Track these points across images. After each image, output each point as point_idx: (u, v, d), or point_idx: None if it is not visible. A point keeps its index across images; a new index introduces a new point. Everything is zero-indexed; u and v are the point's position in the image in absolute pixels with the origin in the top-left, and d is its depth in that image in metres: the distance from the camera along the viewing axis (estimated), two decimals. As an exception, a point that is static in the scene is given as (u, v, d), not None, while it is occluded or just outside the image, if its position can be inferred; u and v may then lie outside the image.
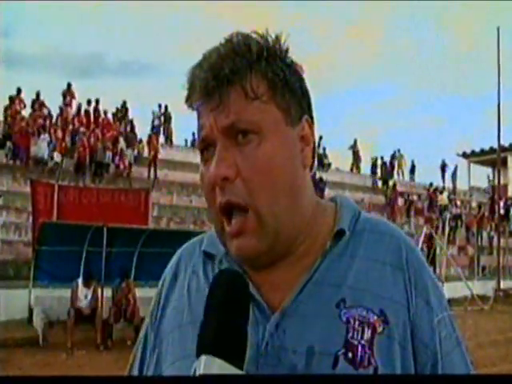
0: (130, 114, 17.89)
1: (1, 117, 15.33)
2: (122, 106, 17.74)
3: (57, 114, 16.16)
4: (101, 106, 17.07)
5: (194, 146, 18.49)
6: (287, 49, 0.73)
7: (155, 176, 16.36)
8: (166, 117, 18.51)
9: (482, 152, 27.42)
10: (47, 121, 15.39)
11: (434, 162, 25.29)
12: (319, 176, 17.99)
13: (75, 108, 16.61)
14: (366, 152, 23.98)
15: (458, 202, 23.34)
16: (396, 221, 18.41)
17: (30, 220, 10.59)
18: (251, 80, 0.69)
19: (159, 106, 18.67)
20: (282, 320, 0.70)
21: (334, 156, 22.44)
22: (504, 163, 19.09)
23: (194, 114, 0.73)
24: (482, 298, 14.67)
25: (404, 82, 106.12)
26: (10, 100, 15.30)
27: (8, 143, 14.37)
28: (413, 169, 24.51)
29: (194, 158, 16.16)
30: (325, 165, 20.85)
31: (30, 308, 8.72)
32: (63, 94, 16.55)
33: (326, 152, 21.30)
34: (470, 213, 22.81)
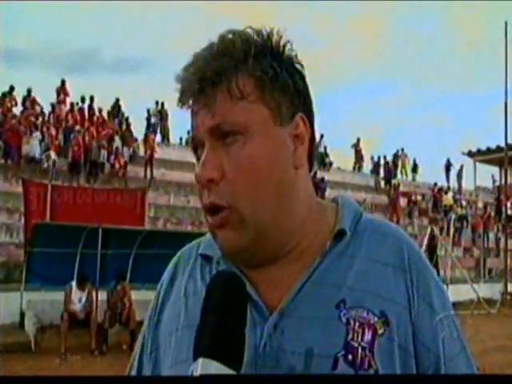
0: (126, 112, 17.76)
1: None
2: (115, 104, 17.52)
3: (48, 111, 15.97)
4: (95, 104, 16.95)
5: (188, 145, 18.28)
6: (283, 44, 0.73)
7: (152, 176, 16.27)
8: (163, 115, 18.34)
9: (489, 150, 27.33)
10: (39, 119, 15.19)
11: (438, 161, 25.38)
12: (320, 176, 17.84)
13: (69, 105, 16.48)
14: (368, 151, 24.06)
15: (464, 203, 23.29)
16: (398, 222, 18.26)
17: (22, 221, 10.65)
18: (237, 80, 0.69)
19: (156, 103, 18.54)
20: (280, 320, 0.70)
21: (335, 155, 22.43)
22: (511, 162, 18.89)
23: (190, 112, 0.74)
24: (489, 301, 14.60)
25: (408, 79, 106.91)
26: (2, 97, 15.08)
27: (-1, 141, 14.21)
28: (415, 168, 24.47)
29: (191, 157, 15.77)
30: (326, 164, 20.75)
31: (22, 312, 8.62)
32: (57, 91, 16.43)
33: (327, 151, 21.21)
34: (476, 213, 22.75)
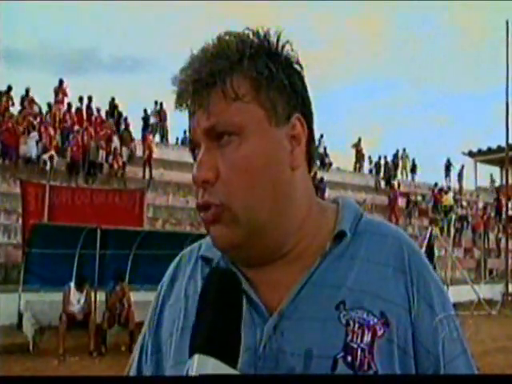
0: (124, 112, 17.71)
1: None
2: (111, 103, 17.48)
3: (46, 111, 15.93)
4: (93, 104, 16.92)
5: (183, 144, 18.33)
6: (282, 44, 0.72)
7: (150, 176, 16.24)
8: (161, 115, 18.29)
9: (490, 151, 27.33)
10: (37, 118, 15.15)
11: (439, 162, 25.37)
12: (320, 176, 17.81)
13: (66, 105, 16.46)
14: (368, 151, 23.99)
15: (464, 203, 23.26)
16: (397, 222, 18.24)
17: (20, 221, 10.62)
18: (232, 81, 0.69)
19: (155, 103, 18.50)
20: (279, 322, 0.70)
21: (334, 155, 22.40)
22: (512, 162, 18.87)
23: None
24: (490, 302, 14.63)
25: (408, 79, 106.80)
26: (-1, 96, 15.05)
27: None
28: (414, 168, 24.44)
29: (190, 157, 15.84)
30: (326, 164, 20.73)
31: (20, 313, 8.60)
32: (55, 91, 16.37)
33: (326, 151, 21.18)
34: (477, 214, 22.75)
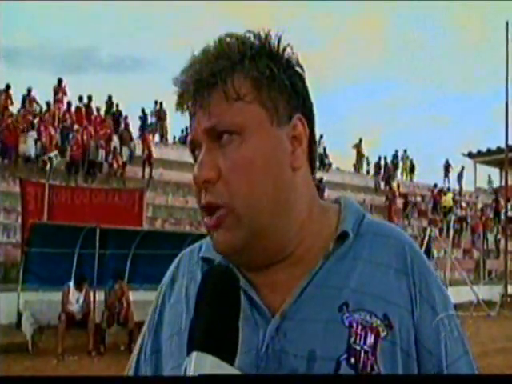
0: (124, 112, 17.69)
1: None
2: (108, 101, 17.43)
3: (44, 110, 15.92)
4: (93, 103, 16.90)
5: (183, 144, 18.30)
6: (283, 46, 0.73)
7: (150, 176, 16.22)
8: (161, 114, 18.28)
9: (489, 152, 27.30)
10: (37, 118, 15.12)
11: (438, 163, 25.42)
12: (319, 176, 17.80)
13: (66, 104, 16.44)
14: (368, 152, 24.01)
15: (464, 204, 23.24)
16: (395, 223, 18.23)
17: (20, 221, 10.59)
18: (233, 81, 0.69)
19: (155, 102, 18.49)
20: (282, 323, 0.70)
21: (334, 156, 22.38)
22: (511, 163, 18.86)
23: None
24: (488, 303, 14.62)
25: (408, 79, 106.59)
26: (-2, 95, 15.02)
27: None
28: (412, 169, 24.41)
29: (190, 156, 15.86)
30: (325, 165, 20.71)
31: (19, 312, 8.58)
32: (54, 90, 16.32)
33: (326, 152, 21.16)
34: (476, 215, 22.73)
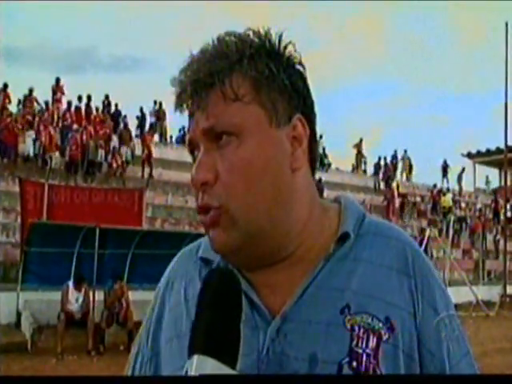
0: (123, 111, 17.69)
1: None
2: (104, 100, 17.40)
3: (43, 109, 15.90)
4: (92, 103, 16.89)
5: (182, 144, 18.29)
6: (284, 45, 0.72)
7: (150, 175, 16.22)
8: (160, 114, 18.27)
9: (488, 152, 27.27)
10: (36, 117, 15.11)
11: (437, 163, 25.33)
12: (318, 176, 17.78)
13: (65, 104, 16.46)
14: (367, 152, 23.96)
15: (463, 204, 23.23)
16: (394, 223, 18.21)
17: (19, 220, 10.58)
18: (231, 81, 0.69)
19: (154, 102, 18.49)
20: (283, 325, 0.69)
21: (333, 156, 22.35)
22: (511, 164, 18.81)
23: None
24: (488, 303, 14.61)
25: (407, 79, 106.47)
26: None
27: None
28: (410, 169, 24.39)
29: (189, 156, 15.87)
30: (325, 165, 20.70)
31: (18, 312, 8.58)
32: (52, 90, 16.32)
33: (325, 152, 21.16)
34: (475, 215, 22.70)
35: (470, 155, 28.73)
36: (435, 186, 23.51)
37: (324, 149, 21.02)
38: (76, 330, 7.82)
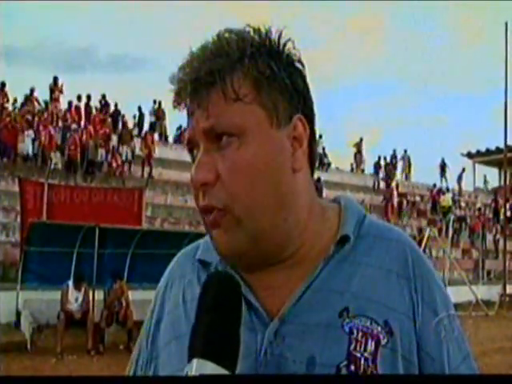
0: (123, 111, 17.69)
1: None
2: (101, 100, 17.37)
3: (43, 108, 15.89)
4: (92, 103, 16.88)
5: (177, 142, 18.29)
6: (283, 43, 0.71)
7: (149, 175, 16.21)
8: (160, 113, 18.25)
9: (488, 152, 27.26)
10: (35, 117, 15.09)
11: (437, 163, 25.31)
12: (317, 176, 17.80)
13: (65, 104, 16.51)
14: (367, 151, 23.95)
15: (463, 204, 23.22)
16: (391, 222, 18.24)
17: (19, 220, 10.57)
18: (232, 81, 0.68)
19: (154, 101, 18.47)
20: (281, 327, 0.69)
21: (333, 155, 22.33)
22: (511, 163, 18.80)
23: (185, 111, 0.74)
24: (487, 303, 14.61)
25: (407, 79, 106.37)
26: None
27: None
28: (409, 168, 24.38)
29: (188, 156, 15.87)
30: (324, 164, 20.70)
31: (18, 311, 8.57)
32: (50, 89, 16.31)
33: (325, 151, 21.16)
34: (475, 215, 22.69)
35: (469, 155, 28.75)
36: (435, 185, 23.52)
37: (324, 148, 21.02)
38: (76, 330, 7.81)
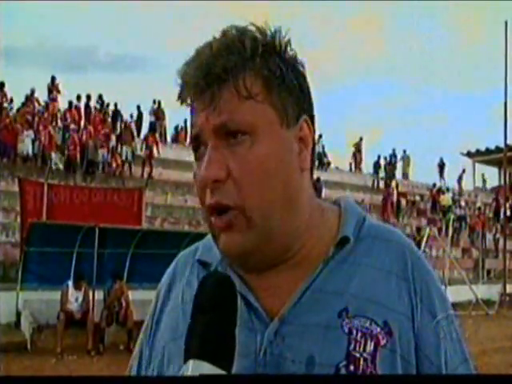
0: (123, 111, 17.69)
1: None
2: (98, 100, 17.36)
3: (41, 108, 15.87)
4: (92, 102, 16.89)
5: (176, 142, 18.30)
6: (286, 43, 0.71)
7: (149, 175, 16.20)
8: (159, 113, 18.25)
9: (488, 151, 27.28)
10: (35, 117, 15.09)
11: (437, 162, 25.28)
12: (317, 176, 17.79)
13: (64, 103, 16.52)
14: (367, 151, 23.95)
15: (463, 203, 23.22)
16: (389, 221, 18.23)
17: (19, 220, 10.58)
18: (245, 78, 0.67)
19: (153, 101, 18.46)
20: (280, 327, 0.69)
21: (333, 155, 22.33)
22: (510, 163, 18.80)
23: (187, 111, 0.72)
24: (487, 302, 14.62)
25: (407, 79, 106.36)
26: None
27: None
28: (408, 168, 24.34)
29: (188, 156, 15.93)
30: (324, 164, 20.70)
31: (18, 312, 8.60)
32: (48, 89, 16.30)
33: (325, 151, 21.16)
34: (475, 214, 22.70)
35: (469, 154, 28.77)
36: (434, 185, 23.53)
37: (323, 148, 21.03)
38: (76, 330, 7.81)
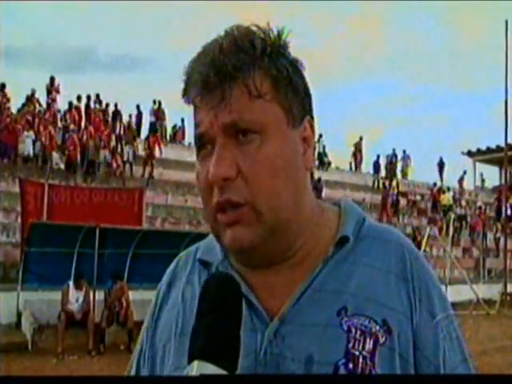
0: (123, 111, 17.69)
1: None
2: (96, 100, 17.36)
3: (42, 108, 15.88)
4: (92, 103, 16.86)
5: (175, 142, 18.29)
6: (286, 44, 0.71)
7: (150, 175, 16.20)
8: (160, 113, 18.26)
9: (488, 150, 27.27)
10: (36, 118, 15.09)
11: (437, 161, 25.27)
12: (317, 176, 17.79)
13: (64, 104, 16.53)
14: (367, 150, 23.94)
15: (463, 202, 23.21)
16: (388, 221, 18.22)
17: (19, 220, 10.57)
18: (254, 77, 0.68)
19: (154, 101, 18.46)
20: (280, 327, 0.69)
21: (333, 155, 22.34)
22: (511, 162, 18.79)
23: (186, 111, 0.72)
24: (488, 302, 14.59)
25: (407, 78, 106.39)
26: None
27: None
28: (408, 167, 24.33)
29: (189, 156, 15.95)
30: (324, 164, 20.69)
31: (19, 312, 8.60)
32: (47, 89, 16.30)
33: (325, 150, 21.15)
34: (475, 213, 22.69)
35: (470, 153, 28.75)
36: (435, 184, 23.54)
37: (324, 147, 21.02)
38: (76, 330, 7.82)
